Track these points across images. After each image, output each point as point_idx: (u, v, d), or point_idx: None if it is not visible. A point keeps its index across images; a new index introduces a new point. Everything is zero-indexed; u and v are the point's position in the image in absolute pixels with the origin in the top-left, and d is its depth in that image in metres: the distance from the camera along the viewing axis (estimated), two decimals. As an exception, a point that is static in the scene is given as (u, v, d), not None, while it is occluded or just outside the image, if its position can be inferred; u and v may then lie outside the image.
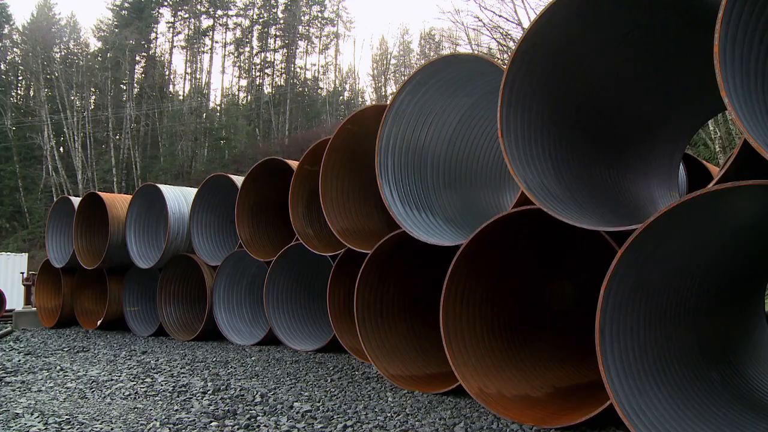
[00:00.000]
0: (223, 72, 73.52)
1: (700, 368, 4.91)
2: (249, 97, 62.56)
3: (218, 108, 62.45)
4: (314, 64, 71.26)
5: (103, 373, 7.23)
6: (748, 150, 3.49)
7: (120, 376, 7.07)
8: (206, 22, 62.28)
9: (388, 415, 5.12)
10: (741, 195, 3.87)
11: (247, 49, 63.03)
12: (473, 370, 5.54)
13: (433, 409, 5.36)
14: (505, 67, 5.18)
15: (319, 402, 5.62)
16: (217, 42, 62.94)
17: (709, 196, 3.82)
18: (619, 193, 6.00)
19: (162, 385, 6.45)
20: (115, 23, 59.20)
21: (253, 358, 8.62)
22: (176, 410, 5.33)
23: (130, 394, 6.04)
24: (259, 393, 5.99)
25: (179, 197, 11.76)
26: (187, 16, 61.79)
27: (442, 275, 5.58)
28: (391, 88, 62.10)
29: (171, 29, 61.61)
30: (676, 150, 7.01)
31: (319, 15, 64.99)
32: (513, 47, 5.03)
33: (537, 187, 4.89)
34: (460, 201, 7.33)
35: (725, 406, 4.68)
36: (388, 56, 69.78)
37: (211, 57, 63.05)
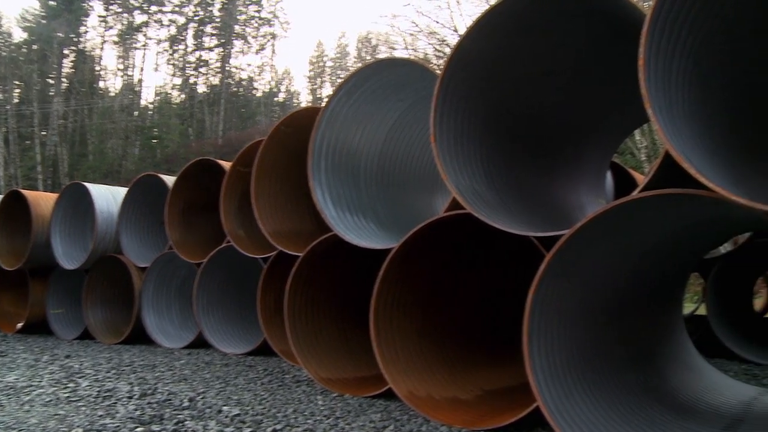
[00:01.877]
0: (156, 69, 71.95)
1: (624, 370, 5.05)
2: (183, 96, 61.44)
3: (151, 106, 61.15)
4: (250, 64, 70.62)
5: (21, 379, 6.95)
6: (670, 160, 3.61)
7: (41, 381, 6.81)
8: (140, 18, 60.86)
9: (318, 418, 5.10)
10: (662, 203, 4.01)
11: (182, 47, 61.84)
12: (403, 373, 5.57)
13: (364, 412, 5.37)
14: (439, 72, 5.23)
15: (248, 406, 5.55)
16: (150, 39, 61.58)
17: (632, 203, 3.95)
18: (549, 199, 6.13)
19: (86, 390, 6.25)
20: (43, 14, 57.29)
21: (181, 361, 8.47)
22: (100, 416, 5.18)
23: (51, 400, 5.83)
24: (187, 397, 5.89)
25: (108, 197, 11.45)
26: (120, 10, 60.27)
27: (374, 278, 5.59)
28: (327, 91, 62.06)
29: (103, 23, 60.00)
30: (604, 158, 7.21)
31: (256, 15, 64.32)
32: (449, 53, 5.10)
33: (468, 192, 4.95)
34: (393, 205, 7.37)
35: (647, 407, 4.82)
36: (325, 58, 69.71)
37: (144, 54, 61.75)
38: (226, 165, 9.59)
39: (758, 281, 13.83)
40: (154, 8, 60.50)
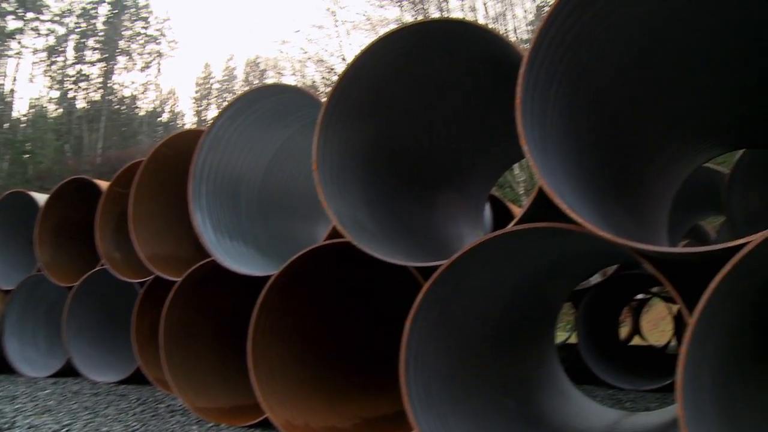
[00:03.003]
0: (32, 80, 68.48)
1: (499, 397, 5.18)
2: (60, 111, 58.71)
3: (23, 119, 58.02)
4: (134, 82, 68.50)
5: None
6: (543, 195, 3.76)
7: None
8: (14, 24, 57.69)
9: (191, 450, 4.94)
10: (536, 236, 4.17)
11: (61, 58, 59.23)
12: (281, 402, 5.49)
13: (238, 443, 5.25)
14: (324, 101, 5.25)
15: (117, 438, 5.32)
16: (26, 47, 58.52)
17: (508, 235, 4.09)
18: (430, 230, 6.25)
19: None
20: None
21: (46, 391, 8.00)
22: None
23: None
24: (51, 430, 5.56)
25: (-30, 214, 10.76)
26: (-10, 14, 57.02)
27: (254, 306, 5.50)
28: (213, 113, 61.07)
29: (-29, 27, 56.55)
30: (484, 191, 7.42)
31: (143, 32, 62.62)
32: (334, 81, 5.13)
33: (349, 221, 4.97)
34: (275, 231, 7.30)
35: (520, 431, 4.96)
36: (212, 80, 68.68)
37: (18, 63, 58.60)
38: (104, 185, 9.25)
39: (624, 311, 14.58)
40: (30, 15, 57.53)
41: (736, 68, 4.78)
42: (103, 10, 60.41)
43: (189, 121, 68.69)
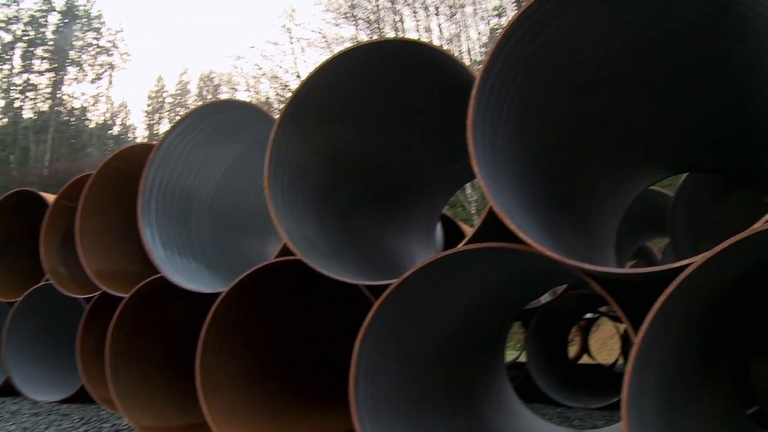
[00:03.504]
0: (-25, 89, 66.70)
1: (450, 415, 5.20)
2: (5, 120, 57.25)
3: (-34, 128, 56.44)
4: (84, 93, 67.19)
5: None
6: (494, 215, 3.81)
7: None
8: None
9: (135, 471, 4.84)
10: (485, 255, 4.21)
11: (7, 66, 57.80)
12: (229, 421, 5.41)
13: (184, 463, 5.16)
14: (277, 117, 5.24)
15: (57, 459, 5.18)
16: (-31, 54, 56.98)
17: (458, 254, 4.13)
18: (381, 249, 6.26)
19: None
20: None
21: (-18, 411, 7.76)
22: None
23: None
24: (-15, 452, 5.40)
25: None
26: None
27: (203, 323, 5.43)
28: (166, 127, 60.31)
29: None
30: (435, 210, 7.48)
31: (94, 42, 61.57)
32: (288, 98, 5.14)
33: (300, 239, 4.96)
34: (226, 248, 7.23)
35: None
36: (165, 94, 67.96)
37: (-40, 70, 56.98)
38: (50, 197, 9.06)
39: (573, 330, 14.78)
40: (-26, 22, 56.12)
41: (680, 95, 4.92)
42: (53, 18, 59.25)
43: (140, 135, 67.77)
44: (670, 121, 5.33)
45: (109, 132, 64.02)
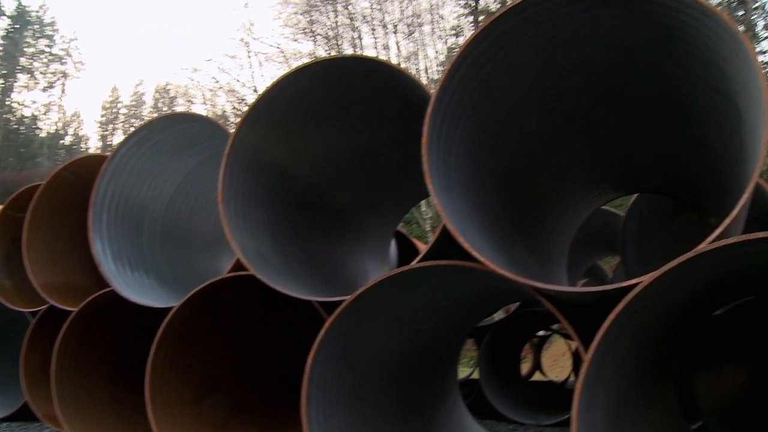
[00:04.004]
0: None
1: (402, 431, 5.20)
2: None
3: None
4: (35, 101, 65.81)
5: None
6: (447, 233, 3.84)
7: None
8: None
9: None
10: (439, 273, 4.24)
11: (-47, 72, 56.48)
12: (178, 438, 5.33)
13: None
14: (232, 132, 5.22)
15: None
16: None
17: (411, 272, 4.15)
18: (335, 265, 6.25)
19: None
20: None
21: None
22: None
23: None
24: None
25: None
26: None
27: (153, 338, 5.35)
28: (119, 138, 59.40)
29: None
30: (390, 227, 7.49)
31: (47, 50, 60.50)
32: (243, 112, 5.11)
33: (253, 254, 4.92)
34: (178, 262, 7.14)
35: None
36: (119, 104, 67.05)
37: None
38: (-4, 209, 8.84)
39: (525, 347, 14.90)
40: None
41: (630, 118, 5.03)
42: (2, 23, 58.09)
43: (93, 146, 66.66)
44: (619, 142, 5.44)
45: (61, 142, 62.89)
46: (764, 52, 28.93)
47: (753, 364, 7.44)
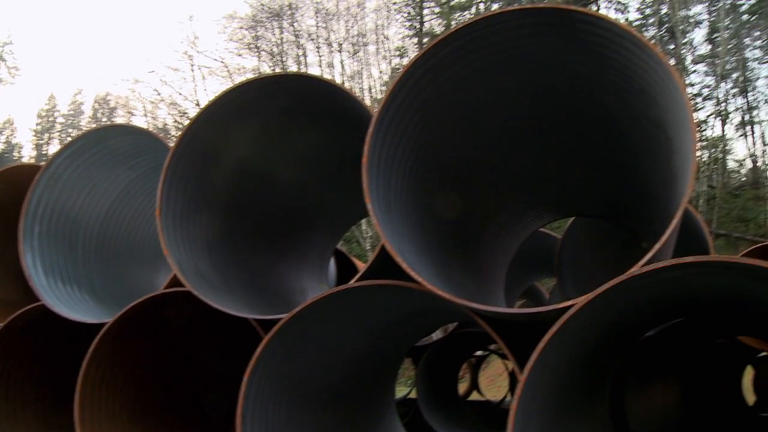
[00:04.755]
0: None
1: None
2: None
3: None
4: (-36, 107, 63.51)
5: None
6: (386, 252, 3.85)
7: None
8: None
9: None
10: (377, 292, 4.25)
11: None
12: (108, 458, 5.19)
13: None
14: (172, 145, 5.14)
15: None
16: None
17: (349, 290, 4.16)
18: (274, 282, 6.19)
19: None
20: None
21: None
22: None
23: None
24: None
25: None
26: None
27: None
28: (56, 148, 57.93)
29: None
30: (329, 245, 7.47)
31: (-21, 55, 58.62)
32: (184, 127, 5.05)
33: (190, 270, 4.84)
34: (114, 277, 6.97)
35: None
36: (56, 113, 65.45)
37: None
38: None
39: (463, 367, 14.99)
40: None
41: (567, 141, 5.15)
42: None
43: (27, 155, 64.78)
44: (557, 166, 5.56)
45: (-8, 150, 60.94)
46: (692, 84, 30.08)
47: (681, 383, 7.65)
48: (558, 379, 3.97)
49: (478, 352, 14.60)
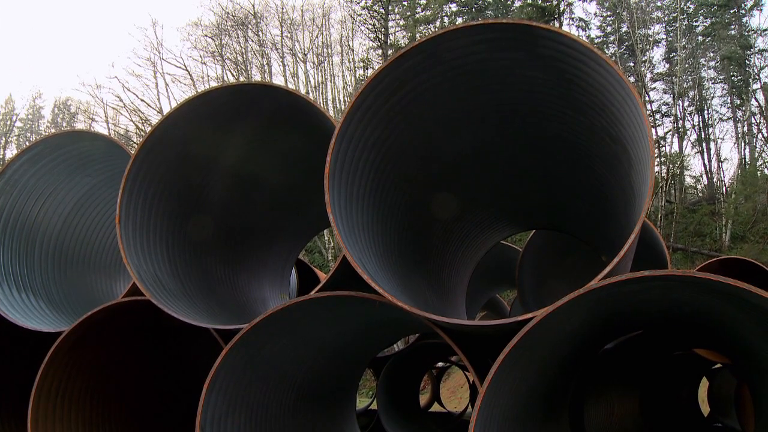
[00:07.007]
0: None
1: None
2: None
3: None
4: None
5: None
6: (347, 263, 3.85)
7: None
8: None
9: None
10: (337, 303, 4.25)
11: None
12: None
13: None
14: (133, 153, 5.08)
15: None
16: None
17: (309, 301, 4.15)
18: (235, 292, 6.14)
19: None
20: None
21: None
22: None
23: None
24: None
25: None
26: None
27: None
28: (13, 152, 56.78)
29: None
30: (290, 255, 7.44)
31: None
32: (145, 134, 4.99)
33: (149, 279, 4.79)
34: (72, 285, 6.84)
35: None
36: (14, 117, 64.15)
37: None
38: None
39: (425, 378, 15.02)
40: None
41: (530, 156, 5.22)
42: None
43: (-18, 160, 63.40)
44: (519, 180, 5.63)
45: (-54, 154, 59.52)
46: (651, 102, 30.67)
47: (639, 394, 7.76)
48: (518, 391, 3.99)
49: (440, 364, 14.64)
